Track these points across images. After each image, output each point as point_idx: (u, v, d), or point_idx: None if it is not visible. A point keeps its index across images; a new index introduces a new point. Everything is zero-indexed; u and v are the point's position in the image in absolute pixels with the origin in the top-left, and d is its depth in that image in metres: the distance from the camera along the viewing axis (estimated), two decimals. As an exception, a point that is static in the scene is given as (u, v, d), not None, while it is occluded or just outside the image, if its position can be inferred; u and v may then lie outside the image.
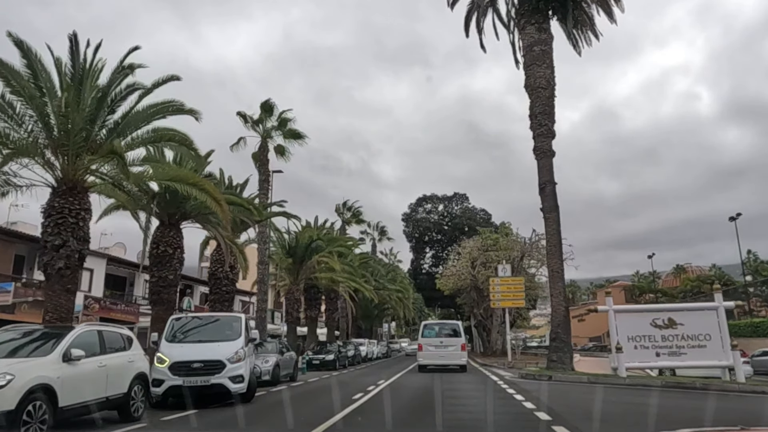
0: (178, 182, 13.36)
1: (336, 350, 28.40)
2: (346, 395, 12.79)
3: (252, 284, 30.93)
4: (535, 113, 20.54)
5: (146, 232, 17.50)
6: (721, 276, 68.55)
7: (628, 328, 18.37)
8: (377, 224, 63.70)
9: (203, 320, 13.82)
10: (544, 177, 19.97)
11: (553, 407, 10.07)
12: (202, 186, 13.34)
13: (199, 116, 14.24)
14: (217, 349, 12.17)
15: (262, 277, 26.97)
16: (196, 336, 12.92)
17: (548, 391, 13.90)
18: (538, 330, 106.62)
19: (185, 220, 17.97)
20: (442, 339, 22.54)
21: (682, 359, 18.10)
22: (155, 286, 17.03)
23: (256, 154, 28.27)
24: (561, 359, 18.23)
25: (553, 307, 19.00)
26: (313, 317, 34.89)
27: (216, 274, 21.59)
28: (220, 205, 13.41)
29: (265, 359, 17.66)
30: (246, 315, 14.93)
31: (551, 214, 19.54)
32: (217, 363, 11.81)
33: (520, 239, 35.75)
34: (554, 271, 19.05)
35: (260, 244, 26.94)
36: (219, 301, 21.47)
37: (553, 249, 19.19)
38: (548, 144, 20.26)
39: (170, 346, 12.32)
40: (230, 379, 11.82)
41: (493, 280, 29.37)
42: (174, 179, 13.43)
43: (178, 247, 17.36)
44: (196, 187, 13.27)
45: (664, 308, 19.52)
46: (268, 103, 27.81)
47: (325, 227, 35.19)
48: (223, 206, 13.51)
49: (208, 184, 13.85)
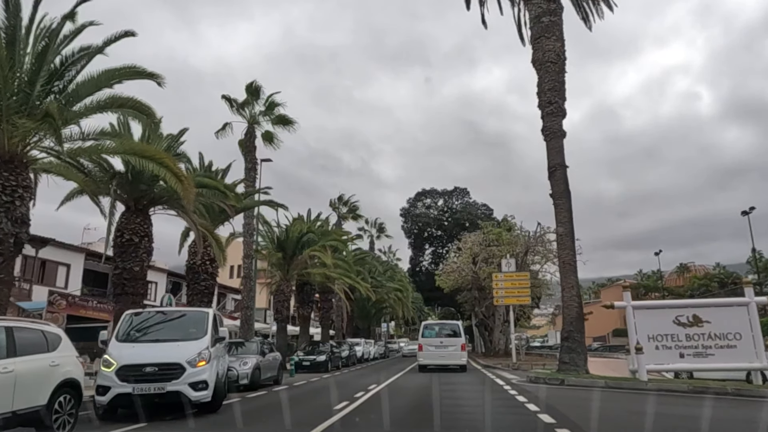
0: (132, 155, 11.51)
1: (328, 351, 26.49)
2: (329, 404, 10.94)
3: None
4: (543, 90, 18.67)
5: (110, 218, 15.65)
6: (729, 274, 66.82)
7: (649, 327, 16.51)
8: (375, 221, 61.82)
9: (166, 316, 11.91)
10: (554, 159, 18.10)
11: (578, 423, 8.21)
12: (161, 160, 11.47)
13: (161, 81, 12.41)
14: (177, 350, 10.30)
15: (248, 271, 25.09)
16: (154, 335, 11.04)
17: (564, 398, 12.04)
18: (538, 330, 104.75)
19: (155, 205, 16.09)
20: (442, 339, 22.57)
21: (709, 361, 16.23)
22: (119, 278, 15.16)
23: (242, 141, 26.40)
24: (574, 361, 16.35)
25: (564, 302, 17.11)
26: (305, 316, 33.00)
27: (194, 267, 19.73)
28: (181, 182, 11.54)
29: (243, 361, 15.80)
30: (217, 311, 13.04)
31: (562, 200, 17.67)
32: (175, 366, 9.94)
33: (524, 232, 33.78)
34: (566, 263, 17.17)
35: (246, 237, 25.07)
36: (197, 296, 19.60)
37: (565, 238, 17.31)
38: (558, 123, 18.40)
39: (121, 346, 10.44)
40: (191, 385, 9.94)
41: (496, 275, 27.52)
42: (128, 152, 11.57)
43: (145, 236, 15.48)
44: (154, 160, 11.40)
45: (689, 304, 17.64)
46: (254, 85, 25.88)
47: (319, 220, 33.28)
48: (185, 184, 11.64)
49: (169, 158, 11.99)
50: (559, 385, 15.29)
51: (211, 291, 20.08)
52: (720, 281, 64.34)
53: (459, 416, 9.54)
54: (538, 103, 18.96)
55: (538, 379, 16.31)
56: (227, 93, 27.31)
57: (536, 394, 12.63)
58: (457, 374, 20.36)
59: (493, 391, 13.68)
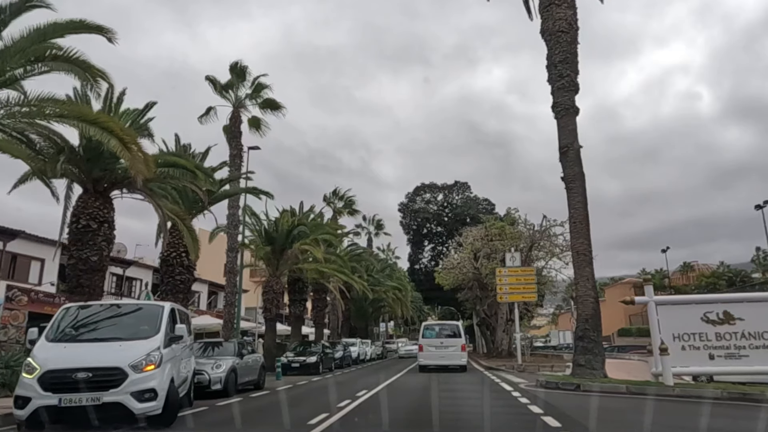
0: (70, 119, 9.69)
1: (320, 351, 24.65)
2: (305, 416, 9.11)
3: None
4: (554, 62, 16.83)
5: (66, 202, 13.85)
6: (737, 272, 65.03)
7: (674, 324, 14.65)
8: (373, 217, 59.89)
9: (114, 311, 10.04)
10: (566, 138, 16.27)
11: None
12: (105, 124, 9.66)
13: (113, 36, 10.56)
14: (119, 351, 8.46)
15: (231, 266, 23.25)
16: (95, 333, 9.19)
17: (586, 408, 10.19)
18: (539, 330, 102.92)
19: (117, 188, 14.28)
20: (443, 340, 22.55)
21: (742, 363, 14.37)
22: (74, 270, 13.36)
23: (226, 126, 24.56)
24: (590, 363, 14.50)
25: (579, 297, 15.26)
26: (297, 314, 31.20)
27: (168, 259, 17.90)
28: (128, 150, 9.72)
29: (217, 364, 13.98)
30: (179, 306, 11.23)
31: (575, 183, 15.83)
32: (114, 372, 8.10)
33: (528, 225, 31.88)
34: (580, 253, 15.31)
35: (230, 229, 23.24)
36: (172, 291, 17.77)
37: (579, 226, 15.46)
38: (570, 99, 16.56)
39: (50, 347, 8.60)
40: (135, 395, 8.10)
41: (500, 270, 25.68)
42: (64, 116, 9.74)
43: (104, 222, 13.67)
44: (96, 125, 9.60)
45: (718, 299, 15.80)
46: (239, 65, 24.01)
47: (312, 212, 31.43)
48: (133, 151, 9.82)
49: (115, 122, 10.17)
50: (574, 390, 13.46)
51: (188, 286, 18.25)
52: (728, 279, 62.55)
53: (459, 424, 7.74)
54: (548, 77, 17.14)
55: (549, 383, 14.47)
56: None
57: (551, 402, 10.79)
58: (458, 379, 18.57)
59: (501, 399, 11.82)
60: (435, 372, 22.34)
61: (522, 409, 9.98)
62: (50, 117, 9.73)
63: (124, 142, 9.69)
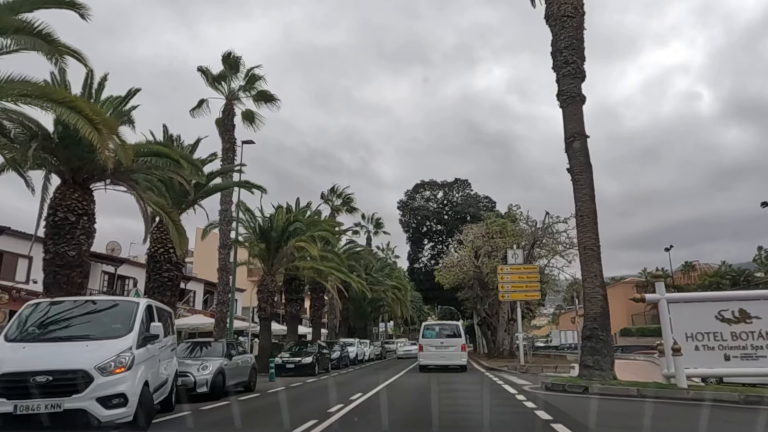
0: (33, 98, 8.89)
1: (316, 352, 23.85)
2: (292, 421, 8.33)
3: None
4: (559, 48, 16.04)
5: (43, 193, 13.06)
6: (741, 271, 64.21)
7: (687, 323, 13.89)
8: (372, 216, 58.96)
9: (84, 307, 9.21)
10: (573, 128, 15.47)
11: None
12: (72, 103, 8.86)
13: (86, 13, 9.78)
14: (84, 351, 7.67)
15: (223, 263, 22.45)
16: (60, 331, 8.42)
17: (599, 414, 9.40)
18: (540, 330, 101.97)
19: (98, 179, 13.46)
20: (443, 340, 22.59)
21: (760, 364, 13.58)
22: (50, 265, 12.53)
23: (219, 119, 23.77)
24: (599, 364, 13.69)
25: (586, 295, 14.46)
26: (294, 313, 30.38)
27: (155, 256, 17.09)
28: (98, 131, 8.91)
29: (203, 365, 13.19)
30: (157, 302, 10.44)
31: (582, 175, 15.02)
32: (78, 375, 7.31)
33: (531, 222, 31.03)
34: (587, 248, 14.50)
35: (222, 225, 22.44)
36: (159, 289, 16.94)
37: (586, 219, 14.65)
38: (577, 86, 15.77)
39: (7, 348, 7.80)
40: (101, 401, 7.31)
41: (502, 268, 24.88)
42: (27, 95, 8.93)
43: (84, 215, 12.85)
44: (62, 104, 8.80)
45: (733, 296, 15.00)
46: (231, 56, 23.20)
47: (309, 209, 30.60)
48: (103, 133, 9.01)
49: (84, 101, 9.39)
50: (582, 393, 12.67)
51: (176, 283, 17.43)
52: (731, 278, 61.72)
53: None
54: (553, 64, 16.34)
55: (555, 385, 13.68)
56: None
57: (559, 407, 10.00)
58: (459, 381, 17.80)
59: (505, 404, 11.02)
60: (435, 372, 21.73)
61: (529, 415, 9.18)
62: (12, 96, 8.90)
63: (93, 123, 8.87)
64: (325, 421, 8.43)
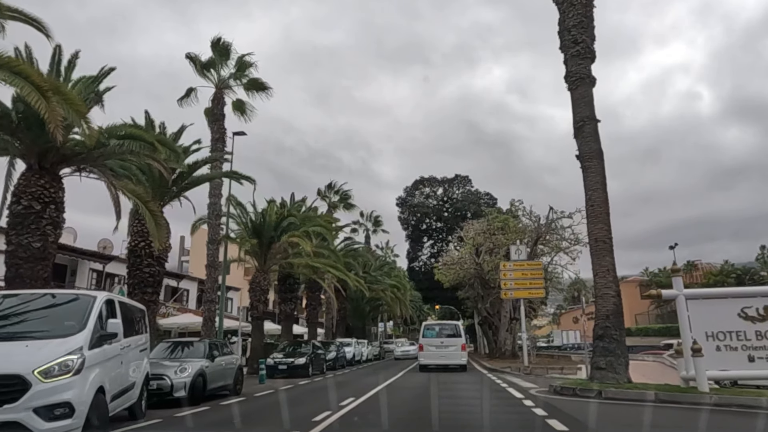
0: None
1: (310, 352, 22.76)
2: None
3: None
4: (567, 27, 14.95)
5: (7, 180, 11.99)
6: (746, 270, 63.15)
7: (707, 321, 12.77)
8: (371, 213, 57.98)
9: (40, 302, 8.10)
10: (582, 112, 14.38)
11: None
12: (18, 68, 7.77)
13: None
14: (22, 354, 6.58)
15: (212, 259, 21.37)
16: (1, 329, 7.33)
17: (618, 422, 8.31)
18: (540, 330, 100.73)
19: (67, 164, 12.39)
20: (443, 339, 22.61)
21: (787, 366, 12.49)
22: (12, 257, 11.45)
23: (208, 109, 22.68)
24: (612, 366, 12.58)
25: (598, 291, 13.36)
26: (288, 312, 29.27)
27: (135, 250, 16.03)
28: (45, 99, 7.83)
29: (181, 367, 12.10)
30: (120, 296, 9.36)
31: (593, 161, 13.94)
32: (12, 382, 6.22)
33: (534, 217, 29.88)
34: (599, 241, 13.40)
35: (211, 219, 21.36)
36: (139, 285, 15.90)
37: (598, 209, 13.56)
38: (586, 67, 14.69)
39: (-65, 348, 6.74)
40: (40, 411, 6.22)
41: (504, 264, 23.81)
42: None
43: (51, 203, 11.77)
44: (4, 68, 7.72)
45: (758, 292, 13.81)
46: (221, 42, 22.10)
47: (304, 204, 29.50)
48: (52, 102, 7.93)
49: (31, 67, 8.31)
50: (595, 398, 11.58)
51: (158, 279, 16.35)
52: (737, 277, 60.68)
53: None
54: (560, 44, 15.27)
55: (565, 389, 12.60)
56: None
57: (574, 415, 8.91)
58: (461, 384, 16.72)
59: (513, 411, 9.92)
60: (435, 372, 20.87)
61: (540, 425, 8.09)
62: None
63: (41, 90, 7.80)
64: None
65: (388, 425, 8.05)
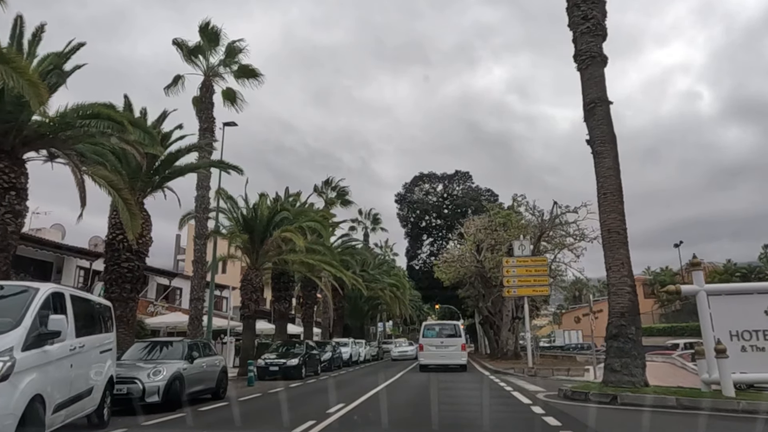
0: None
1: (303, 353, 21.68)
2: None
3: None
4: (576, 2, 13.85)
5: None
6: (752, 269, 62.15)
7: (731, 320, 11.69)
8: (369, 211, 56.83)
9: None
10: (593, 93, 13.29)
11: None
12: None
13: None
14: None
15: (199, 255, 20.28)
16: None
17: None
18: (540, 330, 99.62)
19: (31, 147, 11.30)
20: (443, 339, 22.67)
21: (820, 368, 11.42)
22: (-33, 249, 10.36)
23: (196, 98, 21.59)
24: (628, 368, 11.48)
25: (611, 285, 12.26)
26: (282, 311, 28.17)
27: (113, 243, 14.93)
28: None
29: (155, 369, 11.01)
30: (71, 290, 8.27)
31: (605, 146, 12.84)
32: None
33: (538, 212, 28.77)
34: (612, 231, 12.31)
35: (199, 213, 20.28)
36: (117, 281, 14.81)
37: (611, 197, 12.46)
38: (597, 45, 13.60)
39: None
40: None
41: (507, 260, 22.74)
42: None
43: (11, 189, 10.70)
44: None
45: (786, 287, 12.77)
46: (210, 27, 20.99)
47: (299, 199, 28.41)
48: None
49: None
50: (609, 403, 10.51)
51: (137, 274, 15.24)
52: (743, 276, 59.67)
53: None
54: (569, 21, 14.18)
55: (576, 393, 11.51)
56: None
57: (593, 426, 7.82)
58: (462, 386, 15.66)
59: (523, 420, 8.81)
60: (434, 373, 20.09)
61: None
62: None
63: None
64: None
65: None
